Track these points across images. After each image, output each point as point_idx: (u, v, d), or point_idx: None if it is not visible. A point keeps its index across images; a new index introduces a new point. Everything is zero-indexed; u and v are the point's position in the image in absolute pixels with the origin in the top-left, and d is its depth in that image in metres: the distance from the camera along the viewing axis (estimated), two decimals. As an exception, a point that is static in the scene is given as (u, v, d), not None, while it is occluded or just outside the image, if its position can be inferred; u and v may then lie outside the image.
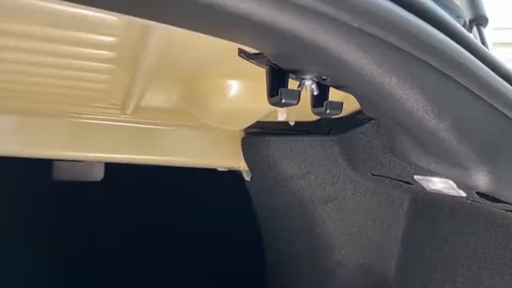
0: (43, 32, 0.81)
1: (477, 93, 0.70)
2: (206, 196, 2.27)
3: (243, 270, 2.07)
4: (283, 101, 0.84)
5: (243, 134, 1.64)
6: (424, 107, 0.66)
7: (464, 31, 0.65)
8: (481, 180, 0.84)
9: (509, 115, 0.77)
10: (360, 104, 1.02)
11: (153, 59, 0.92)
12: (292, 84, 0.91)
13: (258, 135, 1.51)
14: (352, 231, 1.50)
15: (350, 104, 1.10)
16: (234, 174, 2.11)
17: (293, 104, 0.86)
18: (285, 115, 1.38)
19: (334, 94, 0.91)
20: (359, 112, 1.32)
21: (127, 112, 1.43)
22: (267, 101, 1.18)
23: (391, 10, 0.54)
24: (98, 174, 2.28)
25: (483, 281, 1.16)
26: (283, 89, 0.84)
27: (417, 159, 0.96)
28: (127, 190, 2.27)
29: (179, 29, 0.72)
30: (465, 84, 0.67)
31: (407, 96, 0.64)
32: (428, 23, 0.58)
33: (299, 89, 0.87)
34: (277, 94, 0.88)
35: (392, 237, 1.50)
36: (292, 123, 1.49)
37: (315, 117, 1.54)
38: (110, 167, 2.08)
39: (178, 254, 2.20)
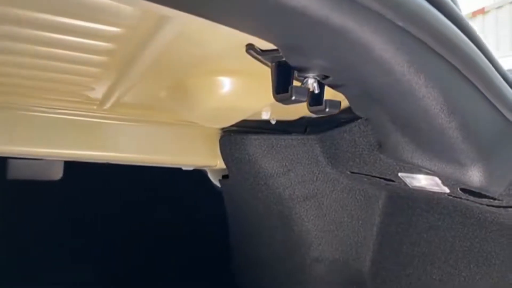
0: (47, 20, 0.76)
1: (485, 94, 0.74)
2: (173, 195, 2.24)
3: (216, 268, 2.06)
4: (293, 98, 0.84)
5: (220, 132, 1.62)
6: (441, 105, 0.69)
7: (480, 37, 0.69)
8: (476, 176, 0.89)
9: (507, 116, 0.81)
10: (352, 103, 1.05)
11: (155, 54, 0.89)
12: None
13: (237, 133, 1.51)
14: (330, 227, 1.54)
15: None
16: (200, 173, 2.10)
17: (302, 101, 0.86)
18: (269, 114, 1.39)
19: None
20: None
21: (104, 108, 1.38)
22: (258, 99, 1.19)
23: (433, 14, 0.57)
24: (57, 173, 2.18)
25: (461, 272, 1.23)
26: (293, 86, 0.84)
27: (410, 157, 1.00)
28: (87, 189, 2.19)
29: (193, 23, 0.71)
30: (477, 85, 0.71)
31: (429, 94, 0.66)
32: (457, 27, 0.61)
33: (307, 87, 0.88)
34: (284, 91, 0.89)
35: (368, 233, 1.55)
36: (273, 122, 1.51)
37: (294, 117, 1.57)
38: (70, 165, 2.00)
39: (146, 253, 2.15)
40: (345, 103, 1.02)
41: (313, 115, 1.57)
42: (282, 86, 0.89)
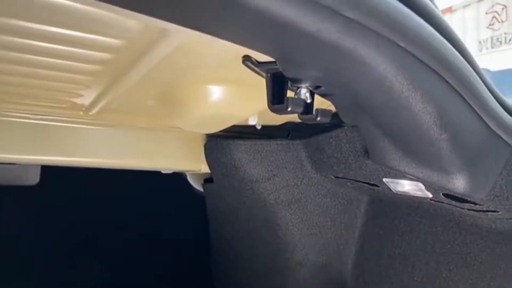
0: (45, 31, 0.76)
1: (473, 106, 0.78)
2: (151, 198, 2.23)
3: (195, 272, 2.06)
4: (289, 109, 0.86)
5: (204, 137, 1.63)
6: (435, 119, 0.73)
7: (469, 51, 0.73)
8: (460, 183, 0.94)
9: (490, 126, 0.86)
10: (340, 111, 1.08)
11: (151, 64, 0.90)
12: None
13: (223, 138, 1.52)
14: (313, 231, 1.57)
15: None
16: (179, 177, 2.10)
17: (298, 112, 0.89)
18: (256, 119, 1.41)
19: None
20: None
21: (90, 113, 1.37)
22: (249, 107, 1.21)
23: (431, 33, 0.60)
24: (34, 178, 2.14)
25: (441, 273, 1.28)
26: (290, 98, 0.86)
27: (397, 164, 1.04)
28: (64, 193, 2.15)
29: (193, 36, 0.72)
30: (466, 99, 0.75)
31: (425, 109, 0.70)
32: (450, 43, 0.65)
33: (303, 97, 0.90)
34: (279, 102, 0.91)
35: (350, 236, 1.59)
36: (259, 127, 1.53)
37: (279, 122, 1.59)
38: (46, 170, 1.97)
39: (121, 259, 2.13)
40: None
41: (297, 121, 1.60)
42: (277, 97, 0.92)
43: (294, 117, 1.52)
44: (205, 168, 1.66)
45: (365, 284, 1.54)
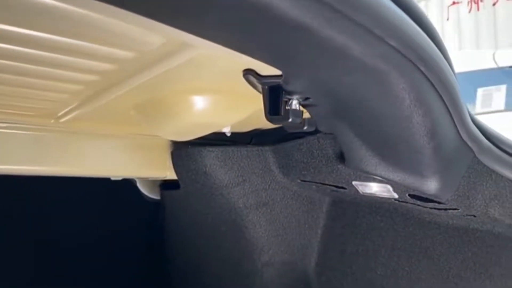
0: (56, 41, 0.75)
1: (454, 118, 0.89)
2: (103, 205, 2.17)
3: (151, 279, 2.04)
4: (290, 120, 0.92)
5: (171, 144, 1.64)
6: (428, 131, 0.83)
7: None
8: (433, 185, 1.05)
9: (461, 135, 0.98)
10: (318, 120, 1.16)
11: (152, 75, 0.91)
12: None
13: (193, 145, 1.54)
14: (279, 232, 1.64)
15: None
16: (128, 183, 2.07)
17: (297, 122, 0.95)
18: (229, 127, 1.45)
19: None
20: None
21: (61, 121, 1.33)
22: (233, 116, 1.25)
23: (440, 57, 0.69)
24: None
25: (403, 267, 1.41)
26: (290, 109, 0.92)
27: (374, 169, 1.13)
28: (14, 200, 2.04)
29: (210, 50, 0.76)
30: (451, 112, 0.85)
31: (423, 122, 0.79)
32: (447, 62, 0.74)
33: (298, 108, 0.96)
34: (275, 113, 0.96)
35: (313, 236, 1.68)
36: (229, 134, 1.57)
37: (248, 129, 1.64)
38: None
39: (79, 267, 2.06)
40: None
41: (263, 128, 1.67)
42: (273, 108, 0.97)
43: (260, 125, 1.58)
44: (171, 175, 1.66)
45: (328, 281, 1.64)
